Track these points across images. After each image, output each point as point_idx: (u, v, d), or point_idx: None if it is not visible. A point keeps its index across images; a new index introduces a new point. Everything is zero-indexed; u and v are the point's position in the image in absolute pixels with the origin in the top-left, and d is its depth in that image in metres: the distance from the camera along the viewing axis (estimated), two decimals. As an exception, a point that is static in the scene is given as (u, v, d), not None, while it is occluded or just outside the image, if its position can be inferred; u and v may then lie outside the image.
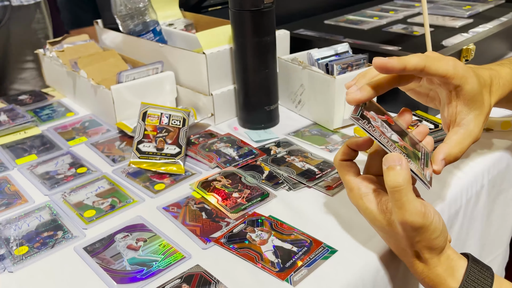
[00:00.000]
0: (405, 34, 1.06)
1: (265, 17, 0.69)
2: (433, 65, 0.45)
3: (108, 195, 0.61)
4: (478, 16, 1.17)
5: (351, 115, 0.44)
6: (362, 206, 0.47)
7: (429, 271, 0.44)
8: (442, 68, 0.45)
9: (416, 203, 0.41)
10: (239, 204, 0.57)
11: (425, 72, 0.45)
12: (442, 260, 0.44)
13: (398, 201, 0.41)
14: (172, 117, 0.70)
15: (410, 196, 0.41)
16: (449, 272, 0.44)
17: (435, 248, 0.43)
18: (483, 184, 0.62)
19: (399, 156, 0.42)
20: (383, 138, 0.44)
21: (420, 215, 0.41)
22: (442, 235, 0.43)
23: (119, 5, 0.87)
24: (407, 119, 0.49)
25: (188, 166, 0.67)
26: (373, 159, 0.50)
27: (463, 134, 0.48)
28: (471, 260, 0.45)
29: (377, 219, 0.45)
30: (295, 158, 0.67)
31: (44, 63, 0.98)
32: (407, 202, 0.41)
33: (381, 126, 0.45)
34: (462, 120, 0.48)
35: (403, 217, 0.41)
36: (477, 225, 0.64)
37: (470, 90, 0.47)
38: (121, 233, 0.53)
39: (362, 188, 0.47)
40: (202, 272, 0.47)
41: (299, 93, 0.78)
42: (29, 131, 0.79)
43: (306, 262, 0.47)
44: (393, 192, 0.41)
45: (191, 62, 0.77)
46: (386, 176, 0.42)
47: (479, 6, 1.25)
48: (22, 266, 0.49)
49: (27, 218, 0.57)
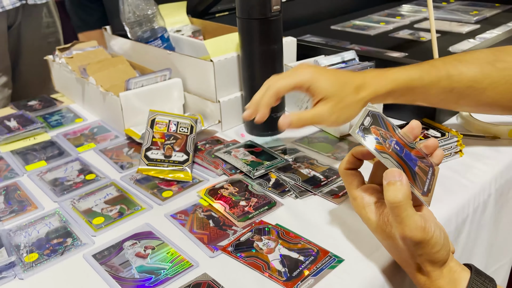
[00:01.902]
0: (412, 40, 1.06)
1: (273, 25, 0.69)
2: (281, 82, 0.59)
3: (117, 202, 0.61)
4: (485, 22, 1.17)
5: (350, 131, 0.45)
6: (365, 216, 0.47)
7: (431, 284, 0.44)
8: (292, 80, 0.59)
9: (416, 217, 0.41)
10: (246, 212, 0.57)
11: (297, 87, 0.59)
12: (445, 272, 0.44)
13: (398, 216, 0.42)
14: (180, 124, 0.71)
15: (409, 211, 0.41)
16: (451, 285, 0.44)
17: (437, 262, 0.43)
18: (490, 193, 0.62)
19: (399, 171, 0.42)
20: (383, 154, 0.44)
21: (420, 230, 0.41)
22: (443, 249, 0.43)
23: (128, 12, 0.88)
24: (416, 132, 0.49)
25: (196, 173, 0.67)
26: (378, 169, 0.50)
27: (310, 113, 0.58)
28: (474, 272, 0.45)
29: (379, 231, 0.46)
30: (301, 165, 0.67)
31: (53, 69, 0.99)
32: (407, 217, 0.41)
33: (383, 142, 0.45)
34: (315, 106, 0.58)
35: (403, 232, 0.42)
36: (484, 233, 0.63)
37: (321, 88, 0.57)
38: (130, 240, 0.54)
39: (365, 198, 0.47)
40: (209, 281, 0.47)
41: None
42: (39, 137, 0.80)
43: (313, 271, 0.48)
44: (393, 207, 0.42)
45: (199, 70, 0.78)
46: (386, 192, 0.42)
47: (486, 11, 1.25)
48: (32, 273, 0.50)
49: (37, 225, 0.58)
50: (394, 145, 0.46)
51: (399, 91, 0.59)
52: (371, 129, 0.45)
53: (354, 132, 0.44)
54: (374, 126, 0.46)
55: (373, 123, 0.46)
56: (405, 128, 0.49)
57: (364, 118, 0.46)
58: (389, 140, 0.46)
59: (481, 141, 0.69)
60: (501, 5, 1.31)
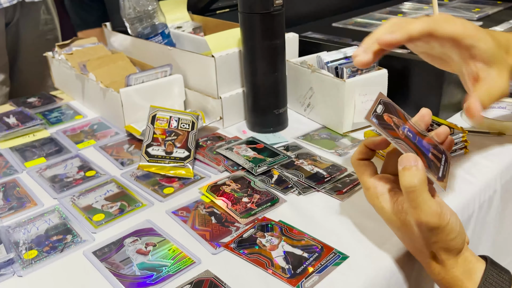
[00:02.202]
0: (414, 37, 1.05)
1: (275, 20, 0.68)
2: (439, 27, 0.43)
3: (117, 199, 0.60)
4: (488, 19, 1.16)
5: (365, 117, 0.44)
6: (378, 206, 0.46)
7: (446, 273, 0.43)
8: (449, 29, 0.44)
9: (431, 203, 0.41)
10: (249, 209, 0.57)
11: (434, 36, 0.44)
12: (460, 262, 0.43)
13: (413, 201, 0.41)
14: (181, 120, 0.70)
15: (425, 196, 0.41)
16: (466, 275, 0.43)
17: (452, 250, 0.42)
18: (496, 189, 0.61)
19: (415, 156, 0.42)
20: (395, 142, 0.43)
21: (436, 215, 0.40)
22: (459, 237, 0.42)
23: (128, 8, 0.87)
24: (427, 119, 0.48)
25: (197, 170, 0.67)
26: (390, 158, 0.49)
27: (489, 85, 0.46)
28: (489, 263, 0.44)
29: (393, 219, 0.45)
30: (304, 161, 0.66)
31: (53, 65, 0.98)
32: (423, 202, 0.40)
33: (396, 128, 0.45)
34: (486, 75, 0.46)
35: (419, 218, 0.41)
36: (489, 230, 0.63)
37: (486, 49, 0.45)
38: (130, 237, 0.53)
39: (379, 187, 0.46)
40: (212, 278, 0.46)
41: (308, 96, 0.78)
42: (38, 133, 0.79)
43: (317, 268, 0.47)
44: (408, 192, 0.41)
45: (200, 65, 0.77)
46: (401, 177, 0.42)
47: (488, 9, 1.24)
48: (31, 270, 0.49)
49: (36, 222, 0.57)
50: (407, 132, 0.46)
51: None
52: (384, 116, 0.45)
53: (369, 118, 0.44)
54: (386, 113, 0.45)
55: (385, 111, 0.46)
56: (416, 116, 0.48)
57: (376, 106, 0.45)
58: (402, 127, 0.46)
59: (486, 137, 0.68)
60: (503, 3, 1.30)
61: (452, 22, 0.44)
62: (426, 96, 0.73)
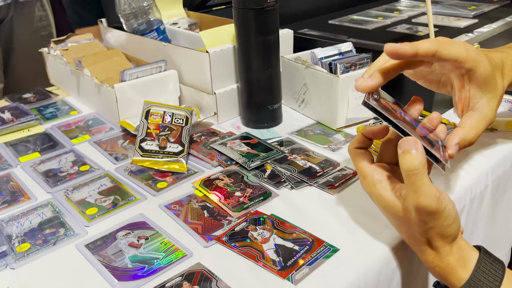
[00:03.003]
0: (409, 34, 1.06)
1: (269, 15, 0.69)
2: (445, 49, 0.45)
3: (111, 193, 0.61)
4: (483, 16, 1.16)
5: (364, 100, 0.44)
6: (376, 193, 0.46)
7: (440, 260, 0.44)
8: (454, 52, 0.45)
9: (431, 187, 0.41)
10: (241, 203, 0.57)
11: (437, 56, 0.45)
12: (454, 249, 0.43)
13: (414, 184, 0.41)
14: (175, 115, 0.70)
15: (425, 180, 0.41)
16: (460, 262, 0.43)
17: (447, 236, 0.43)
18: (487, 184, 0.61)
19: (415, 139, 0.42)
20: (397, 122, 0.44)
21: (435, 199, 0.41)
22: (455, 223, 0.43)
23: (123, 4, 0.87)
24: (418, 108, 0.49)
25: (191, 165, 0.67)
26: (386, 148, 0.49)
27: (477, 117, 0.48)
28: (483, 252, 0.44)
29: (391, 206, 0.45)
30: (297, 156, 0.66)
31: (48, 61, 0.98)
32: (423, 185, 0.41)
33: (393, 112, 0.45)
34: (476, 104, 0.48)
35: (418, 200, 0.41)
36: (481, 225, 0.63)
37: (483, 73, 0.47)
38: (123, 230, 0.53)
39: (376, 175, 0.46)
40: (203, 270, 0.47)
41: (302, 92, 0.78)
42: (33, 129, 0.80)
43: (308, 261, 0.47)
44: (409, 175, 0.41)
45: (195, 61, 0.77)
46: (401, 160, 0.42)
47: (484, 6, 1.25)
48: (24, 263, 0.49)
49: (29, 215, 0.57)
50: (404, 116, 0.46)
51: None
52: (381, 101, 0.45)
53: (368, 99, 0.44)
54: (383, 98, 0.46)
55: (381, 97, 0.46)
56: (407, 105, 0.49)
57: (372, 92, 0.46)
58: (398, 111, 0.46)
59: (478, 133, 0.68)
60: (498, 1, 1.31)
61: (456, 45, 0.46)
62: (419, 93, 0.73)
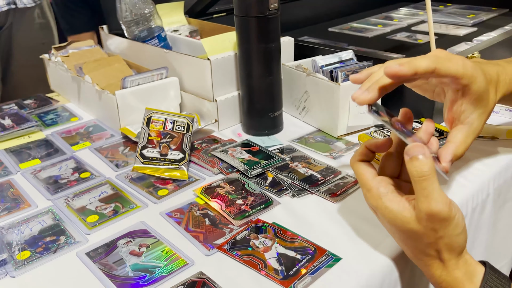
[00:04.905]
0: (409, 42, 1.06)
1: (270, 23, 0.69)
2: (443, 66, 0.45)
3: (111, 201, 0.60)
4: (482, 25, 1.17)
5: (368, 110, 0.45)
6: (381, 206, 0.45)
7: (447, 275, 0.43)
8: (452, 68, 0.46)
9: (442, 192, 0.41)
10: (242, 211, 0.57)
11: (435, 73, 0.45)
12: (461, 264, 0.43)
13: (425, 189, 0.40)
14: (177, 122, 0.70)
15: (436, 185, 0.41)
16: (467, 277, 0.43)
17: (456, 247, 0.42)
18: (489, 193, 0.61)
19: (422, 145, 0.42)
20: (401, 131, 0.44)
21: (446, 204, 0.40)
22: (463, 234, 0.43)
23: (125, 11, 0.87)
24: (410, 120, 0.49)
25: (192, 172, 0.67)
26: (388, 160, 0.49)
27: (467, 132, 0.49)
28: (488, 267, 0.44)
29: (398, 218, 0.43)
30: (298, 164, 0.66)
31: (49, 68, 0.98)
32: (434, 190, 0.40)
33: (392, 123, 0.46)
34: (466, 119, 0.49)
35: (430, 206, 0.40)
36: (482, 234, 0.63)
37: (477, 89, 0.47)
38: (124, 238, 0.53)
39: (381, 188, 0.45)
40: (205, 279, 0.46)
41: (303, 99, 0.78)
42: (33, 135, 0.79)
43: (310, 270, 0.47)
44: (419, 181, 0.41)
45: (196, 68, 0.77)
46: (410, 167, 0.41)
47: (483, 15, 1.25)
48: (24, 271, 0.49)
49: (29, 223, 0.57)
50: (401, 127, 0.46)
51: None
52: (379, 112, 0.46)
53: (370, 111, 0.44)
54: (380, 110, 0.46)
55: (378, 108, 0.47)
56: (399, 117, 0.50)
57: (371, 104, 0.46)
58: (396, 123, 0.46)
59: (479, 141, 0.68)
60: (497, 9, 1.32)
61: (454, 61, 0.46)
62: (420, 101, 0.73)
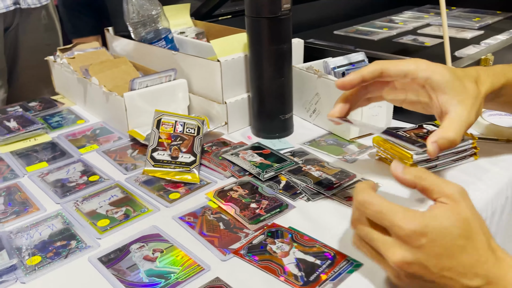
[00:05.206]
0: (415, 45, 1.06)
1: (282, 24, 0.68)
2: (391, 66, 0.49)
3: (122, 204, 0.59)
4: (488, 28, 1.16)
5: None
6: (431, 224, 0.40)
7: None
8: (402, 67, 0.49)
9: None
10: (257, 215, 0.55)
11: (385, 74, 0.49)
12: None
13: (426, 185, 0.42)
14: (187, 125, 0.69)
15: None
16: None
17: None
18: (507, 196, 0.60)
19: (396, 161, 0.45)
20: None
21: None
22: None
23: (132, 12, 0.86)
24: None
25: (203, 175, 0.65)
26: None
27: (453, 117, 0.48)
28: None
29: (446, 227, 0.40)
30: (311, 167, 0.65)
31: (54, 70, 0.97)
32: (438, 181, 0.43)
33: None
34: (448, 108, 0.49)
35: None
36: (498, 238, 0.62)
37: (441, 79, 0.48)
38: (137, 243, 0.52)
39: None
40: (223, 285, 0.45)
41: (314, 102, 0.77)
42: (39, 138, 0.78)
43: (331, 275, 0.46)
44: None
45: (205, 70, 0.76)
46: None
47: (488, 18, 1.25)
48: (35, 277, 0.48)
49: (39, 227, 0.55)
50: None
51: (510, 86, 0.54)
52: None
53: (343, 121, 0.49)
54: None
55: None
56: None
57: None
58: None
59: (494, 144, 0.68)
60: (502, 13, 1.32)
61: (406, 61, 0.49)
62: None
